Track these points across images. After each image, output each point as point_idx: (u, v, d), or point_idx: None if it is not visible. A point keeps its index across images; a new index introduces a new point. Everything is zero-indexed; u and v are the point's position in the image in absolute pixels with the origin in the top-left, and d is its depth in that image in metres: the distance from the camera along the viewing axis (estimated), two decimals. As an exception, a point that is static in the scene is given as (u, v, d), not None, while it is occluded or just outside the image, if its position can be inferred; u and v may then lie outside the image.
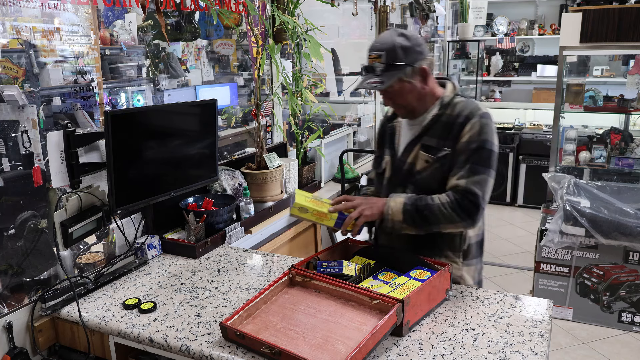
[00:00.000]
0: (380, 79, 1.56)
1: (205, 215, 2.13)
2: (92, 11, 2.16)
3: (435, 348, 1.38)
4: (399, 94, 1.61)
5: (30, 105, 1.91)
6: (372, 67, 1.58)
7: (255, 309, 1.49)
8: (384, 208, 1.61)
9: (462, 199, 1.56)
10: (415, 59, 1.57)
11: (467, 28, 6.14)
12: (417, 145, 1.67)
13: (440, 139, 1.63)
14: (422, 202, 1.59)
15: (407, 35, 1.58)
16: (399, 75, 1.56)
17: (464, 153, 1.58)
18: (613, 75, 5.21)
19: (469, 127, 1.58)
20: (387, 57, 1.55)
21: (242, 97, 4.01)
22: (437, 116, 1.65)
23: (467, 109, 1.62)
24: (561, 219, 3.13)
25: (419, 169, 1.66)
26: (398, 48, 1.55)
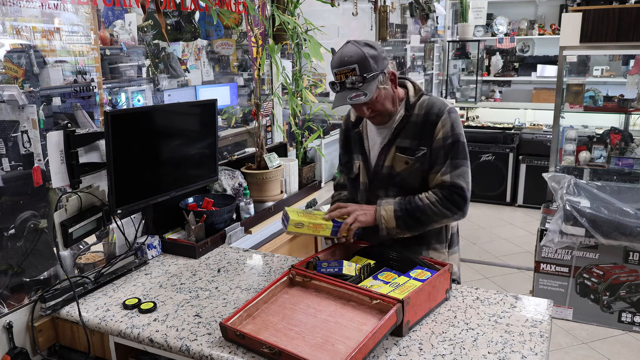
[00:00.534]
0: (360, 91, 1.56)
1: (205, 215, 2.13)
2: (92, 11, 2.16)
3: (435, 348, 1.38)
4: (377, 101, 1.62)
5: (30, 105, 1.92)
6: (346, 82, 1.56)
7: (255, 309, 1.49)
8: (376, 215, 1.64)
9: (450, 194, 1.62)
10: (384, 65, 1.60)
11: (467, 28, 6.14)
12: (392, 148, 1.70)
13: (413, 139, 1.68)
14: (411, 205, 1.63)
15: (371, 44, 1.59)
16: (376, 84, 1.57)
17: (442, 149, 1.64)
18: (613, 75, 5.21)
19: (440, 124, 1.64)
20: (361, 69, 1.55)
21: (242, 97, 4.01)
22: (405, 117, 1.69)
23: (435, 107, 1.67)
24: (561, 219, 3.13)
25: (399, 171, 1.69)
26: (368, 58, 1.55)
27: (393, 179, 1.71)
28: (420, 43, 5.69)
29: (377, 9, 4.21)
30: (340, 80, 1.57)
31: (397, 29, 5.04)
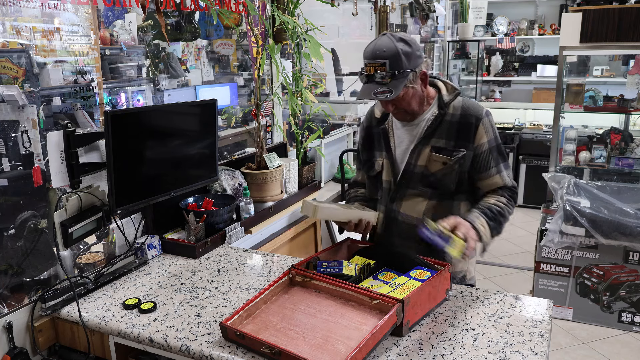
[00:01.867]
0: (387, 88, 1.52)
1: (205, 215, 2.13)
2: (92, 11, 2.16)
3: (435, 348, 1.38)
4: (403, 99, 1.59)
5: (30, 105, 1.92)
6: (374, 76, 1.53)
7: (255, 308, 1.49)
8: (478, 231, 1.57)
9: (512, 195, 1.69)
10: (416, 64, 1.56)
11: (467, 28, 6.14)
12: (427, 147, 1.66)
13: (449, 140, 1.64)
14: (496, 213, 1.62)
15: (407, 40, 1.56)
16: (404, 82, 1.54)
17: (491, 153, 1.65)
18: (613, 75, 5.21)
19: (482, 128, 1.64)
20: (391, 65, 1.51)
21: (242, 97, 4.01)
22: (439, 116, 1.66)
23: (472, 109, 1.65)
24: (561, 219, 3.13)
25: (434, 171, 1.66)
26: (401, 55, 1.52)
27: (426, 179, 1.67)
28: (420, 43, 5.68)
29: (377, 9, 4.21)
30: (369, 73, 1.54)
31: (397, 29, 5.04)
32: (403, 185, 1.71)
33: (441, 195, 1.68)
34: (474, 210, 1.64)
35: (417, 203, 1.70)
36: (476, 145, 1.64)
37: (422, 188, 1.68)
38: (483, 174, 1.67)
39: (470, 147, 1.64)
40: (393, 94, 1.52)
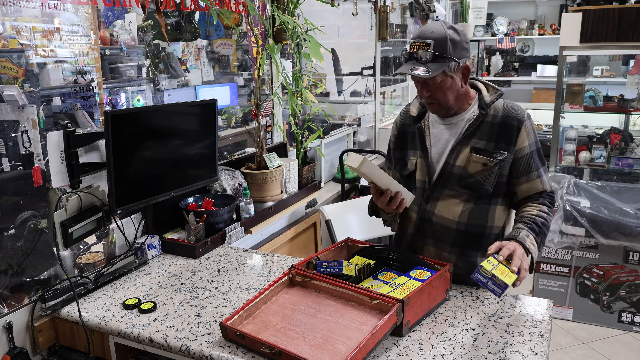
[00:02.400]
0: (425, 67, 1.50)
1: (205, 215, 2.13)
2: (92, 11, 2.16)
3: (435, 348, 1.38)
4: (439, 87, 1.56)
5: (30, 105, 1.91)
6: (417, 53, 1.51)
7: (256, 309, 1.49)
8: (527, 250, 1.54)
9: (552, 201, 1.67)
10: (461, 55, 1.54)
11: (467, 28, 6.14)
12: (467, 148, 1.63)
13: (489, 141, 1.61)
14: (541, 226, 1.59)
15: (457, 30, 1.55)
16: (444, 68, 1.51)
17: (532, 157, 1.63)
18: (613, 75, 5.21)
19: (525, 131, 1.61)
20: (436, 47, 1.50)
21: (242, 97, 4.01)
22: (480, 117, 1.63)
23: (514, 111, 1.63)
24: (561, 219, 3.13)
25: (473, 172, 1.62)
26: (448, 40, 1.50)
27: (464, 180, 1.63)
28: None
29: (377, 9, 4.21)
30: (413, 51, 1.53)
31: (397, 29, 5.04)
32: (440, 185, 1.67)
33: (478, 198, 1.65)
34: (522, 226, 1.58)
35: (453, 205, 1.66)
36: (517, 148, 1.61)
37: (459, 189, 1.65)
38: (523, 178, 1.64)
39: (512, 150, 1.61)
40: (429, 74, 1.49)
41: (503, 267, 1.44)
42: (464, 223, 1.66)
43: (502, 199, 1.67)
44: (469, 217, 1.65)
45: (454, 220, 1.66)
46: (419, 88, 1.60)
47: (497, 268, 1.43)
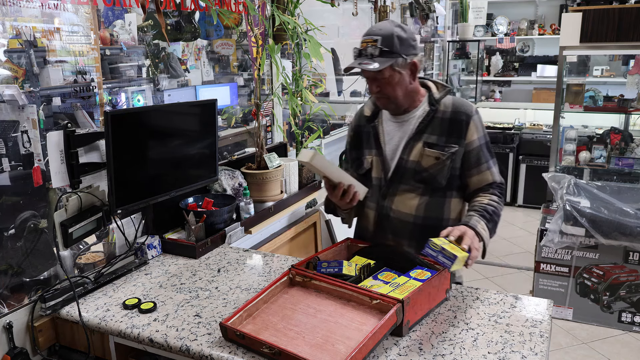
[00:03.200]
0: (373, 61, 1.57)
1: (205, 215, 2.13)
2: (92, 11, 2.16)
3: (435, 348, 1.38)
4: (387, 82, 1.62)
5: (30, 105, 1.92)
6: (365, 50, 1.59)
7: (255, 309, 1.49)
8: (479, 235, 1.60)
9: (501, 191, 1.74)
10: (408, 52, 1.60)
11: (467, 28, 6.14)
12: (419, 143, 1.69)
13: (441, 136, 1.68)
14: (492, 214, 1.66)
15: (404, 28, 1.62)
16: (390, 62, 1.57)
17: (481, 150, 1.70)
18: (613, 75, 5.21)
19: (473, 125, 1.68)
20: (383, 43, 1.57)
21: (242, 97, 4.01)
22: (430, 113, 1.69)
23: (463, 107, 1.70)
24: (561, 219, 3.13)
25: (427, 166, 1.69)
26: (395, 36, 1.57)
27: (419, 174, 1.70)
28: (420, 43, 5.69)
29: (377, 9, 4.21)
30: (362, 48, 1.60)
31: (397, 29, 5.04)
32: (395, 181, 1.73)
33: (433, 192, 1.71)
34: (473, 214, 1.65)
35: (409, 199, 1.72)
36: (467, 142, 1.68)
37: (414, 183, 1.71)
38: (474, 170, 1.71)
39: (462, 144, 1.68)
40: (376, 67, 1.56)
41: (454, 245, 1.50)
42: (420, 216, 1.72)
43: (456, 192, 1.75)
44: (425, 210, 1.71)
45: (410, 214, 1.72)
46: (369, 83, 1.66)
47: (447, 245, 1.48)
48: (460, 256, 1.46)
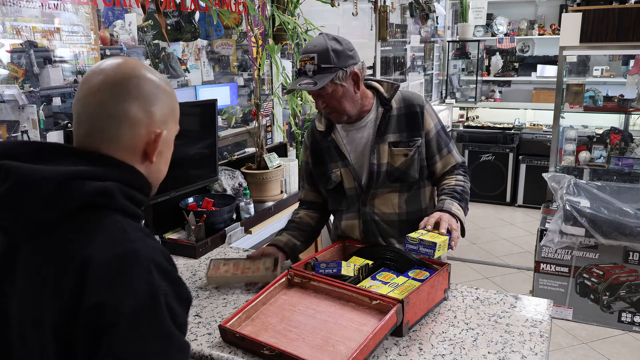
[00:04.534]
0: (312, 80, 1.57)
1: (205, 215, 2.13)
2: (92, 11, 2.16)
3: (435, 348, 1.38)
4: (332, 97, 1.61)
5: (30, 105, 1.92)
6: (304, 69, 1.58)
7: (254, 310, 1.48)
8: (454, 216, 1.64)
9: (465, 170, 1.81)
10: (346, 63, 1.59)
11: (467, 28, 6.14)
12: (384, 145, 1.72)
13: (401, 132, 1.72)
14: (461, 193, 1.72)
15: (339, 40, 1.61)
16: (330, 77, 1.57)
17: (439, 136, 1.76)
18: (613, 75, 5.21)
19: (427, 114, 1.74)
20: (319, 59, 1.56)
21: (242, 97, 4.01)
22: (385, 113, 1.72)
23: (414, 99, 1.75)
24: (561, 219, 3.13)
25: (398, 165, 1.72)
26: (330, 51, 1.57)
27: (392, 174, 1.72)
28: (420, 43, 5.69)
29: (377, 9, 4.21)
30: (301, 67, 1.60)
31: (397, 29, 5.05)
32: (371, 186, 1.74)
33: (409, 187, 1.75)
34: (444, 197, 1.71)
35: (389, 199, 1.75)
36: (425, 131, 1.74)
37: (391, 184, 1.74)
38: (437, 157, 1.77)
39: (422, 135, 1.73)
40: (316, 86, 1.56)
41: (432, 233, 1.53)
42: (404, 212, 1.76)
43: (427, 181, 1.80)
44: (406, 205, 1.76)
45: (394, 212, 1.76)
46: (315, 100, 1.66)
47: (425, 235, 1.51)
48: (440, 241, 1.48)
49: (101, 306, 0.77)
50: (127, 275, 0.79)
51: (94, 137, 0.88)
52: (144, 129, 0.89)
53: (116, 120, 0.87)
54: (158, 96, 0.91)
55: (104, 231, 0.81)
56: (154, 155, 0.91)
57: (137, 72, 0.90)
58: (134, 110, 0.87)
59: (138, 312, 0.78)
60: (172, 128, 0.96)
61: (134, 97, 0.88)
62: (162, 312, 0.80)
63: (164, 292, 0.81)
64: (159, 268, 0.82)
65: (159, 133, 0.91)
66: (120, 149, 0.88)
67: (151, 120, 0.90)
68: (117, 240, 0.81)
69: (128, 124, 0.87)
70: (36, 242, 0.82)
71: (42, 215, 0.80)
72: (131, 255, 0.80)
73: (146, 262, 0.81)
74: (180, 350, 0.83)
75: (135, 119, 0.88)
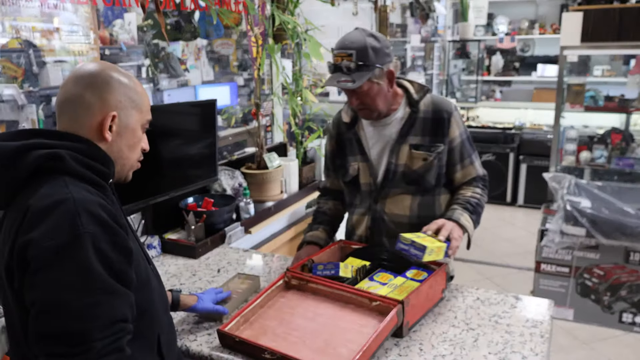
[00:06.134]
0: (350, 77, 1.55)
1: (205, 215, 2.13)
2: (91, 11, 2.15)
3: (435, 348, 1.37)
4: (367, 94, 1.61)
5: (30, 105, 1.91)
6: (341, 65, 1.56)
7: (252, 314, 1.47)
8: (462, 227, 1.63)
9: (484, 184, 1.77)
10: (384, 61, 1.58)
11: (467, 28, 6.14)
12: (405, 146, 1.70)
13: (424, 136, 1.70)
14: (475, 206, 1.69)
15: (377, 37, 1.59)
16: (369, 76, 1.56)
17: (463, 146, 1.72)
18: (614, 75, 5.20)
19: (454, 122, 1.70)
20: (358, 56, 1.54)
21: (242, 97, 4.00)
22: (412, 115, 1.70)
23: (443, 105, 1.72)
24: (562, 219, 3.12)
25: (416, 168, 1.69)
26: (369, 48, 1.55)
27: (409, 176, 1.70)
28: (420, 43, 5.68)
29: (377, 8, 4.20)
30: (337, 63, 1.57)
31: (397, 28, 5.04)
32: (386, 185, 1.73)
33: (423, 191, 1.72)
34: (456, 207, 1.69)
35: (402, 200, 1.73)
36: (450, 139, 1.70)
37: (405, 186, 1.72)
38: (458, 166, 1.73)
39: (445, 142, 1.69)
40: (355, 84, 1.54)
41: (430, 238, 1.52)
42: (415, 215, 1.73)
43: (444, 188, 1.77)
44: (418, 209, 1.73)
45: (405, 214, 1.73)
46: (348, 97, 1.65)
47: (420, 238, 1.50)
48: (433, 246, 1.47)
49: (28, 242, 0.90)
50: (53, 215, 0.91)
51: (62, 119, 1.07)
52: (97, 110, 1.05)
53: (74, 103, 1.05)
54: (112, 86, 1.07)
55: (48, 186, 0.96)
56: (105, 132, 1.06)
57: (100, 70, 1.08)
58: (87, 95, 1.05)
59: (59, 246, 0.89)
60: (132, 115, 1.10)
61: (88, 84, 1.05)
62: (86, 251, 0.90)
63: (91, 234, 0.91)
64: (91, 214, 0.93)
65: (113, 115, 1.06)
66: (80, 128, 1.05)
67: (103, 104, 1.05)
68: (55, 192, 0.95)
69: (83, 106, 1.05)
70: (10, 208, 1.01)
71: (5, 177, 0.98)
72: (62, 200, 0.93)
73: (75, 206, 0.92)
74: (113, 294, 0.92)
75: (89, 103, 1.05)
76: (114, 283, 0.92)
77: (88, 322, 0.89)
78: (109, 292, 0.92)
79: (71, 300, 0.89)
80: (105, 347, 0.90)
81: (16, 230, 0.94)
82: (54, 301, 0.89)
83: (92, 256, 0.90)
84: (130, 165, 1.17)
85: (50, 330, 0.89)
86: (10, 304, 1.00)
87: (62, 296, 0.89)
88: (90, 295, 0.90)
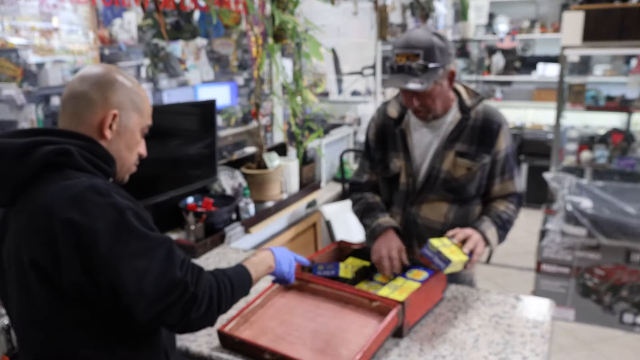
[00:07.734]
0: (419, 79, 1.47)
1: (205, 216, 2.12)
2: (90, 10, 2.15)
3: (435, 349, 1.37)
4: (429, 95, 1.54)
5: (29, 104, 1.91)
6: (407, 65, 1.48)
7: (252, 314, 1.46)
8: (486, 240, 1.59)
9: (519, 202, 1.71)
10: (447, 61, 1.52)
11: (467, 27, 6.12)
12: (451, 152, 1.64)
13: (471, 145, 1.63)
14: (504, 221, 1.64)
15: (441, 35, 1.52)
16: (436, 77, 1.49)
17: (507, 160, 1.67)
18: (615, 74, 5.19)
19: (503, 135, 1.64)
20: (425, 57, 1.47)
21: (242, 97, 4.00)
22: (462, 121, 1.63)
23: (495, 116, 1.65)
24: (562, 219, 3.11)
25: (458, 176, 1.64)
26: (436, 48, 1.48)
27: (449, 183, 1.64)
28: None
29: (378, 8, 4.19)
30: (401, 62, 1.49)
31: (397, 28, 5.03)
32: (425, 189, 1.67)
33: (462, 201, 1.67)
34: (486, 218, 1.63)
35: (439, 207, 1.68)
36: (496, 151, 1.64)
37: (445, 193, 1.66)
38: (497, 179, 1.68)
39: (491, 153, 1.63)
40: (424, 86, 1.47)
41: (455, 248, 1.49)
42: (449, 224, 1.67)
43: (480, 199, 1.73)
44: (454, 217, 1.68)
45: (439, 221, 1.68)
46: (407, 97, 1.57)
47: (447, 247, 1.47)
48: (457, 260, 1.44)
49: (72, 222, 0.95)
50: (91, 200, 0.97)
51: (64, 116, 1.09)
52: (99, 108, 1.08)
53: (77, 99, 1.08)
54: (116, 86, 1.10)
55: (61, 179, 1.00)
56: (105, 129, 1.08)
57: (106, 71, 1.11)
58: (91, 92, 1.07)
59: (112, 224, 0.97)
60: (133, 117, 1.13)
61: (93, 83, 1.08)
62: (131, 221, 0.99)
63: (128, 207, 1.01)
64: (117, 193, 1.03)
65: (115, 114, 1.09)
66: (81, 125, 1.07)
67: (106, 102, 1.08)
68: (75, 181, 0.99)
69: (86, 103, 1.07)
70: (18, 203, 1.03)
71: (11, 173, 1.00)
72: (90, 185, 0.99)
73: (106, 189, 1.00)
74: (163, 243, 1.03)
75: (92, 99, 1.07)
76: (159, 235, 1.04)
77: (171, 270, 1.01)
78: (162, 243, 1.03)
79: (146, 262, 0.98)
80: (193, 278, 1.05)
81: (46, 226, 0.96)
82: (134, 270, 0.97)
83: (135, 223, 1.00)
84: (127, 166, 1.21)
85: (151, 289, 0.97)
86: (37, 299, 1.01)
87: (137, 263, 0.97)
88: (156, 250, 1.01)
